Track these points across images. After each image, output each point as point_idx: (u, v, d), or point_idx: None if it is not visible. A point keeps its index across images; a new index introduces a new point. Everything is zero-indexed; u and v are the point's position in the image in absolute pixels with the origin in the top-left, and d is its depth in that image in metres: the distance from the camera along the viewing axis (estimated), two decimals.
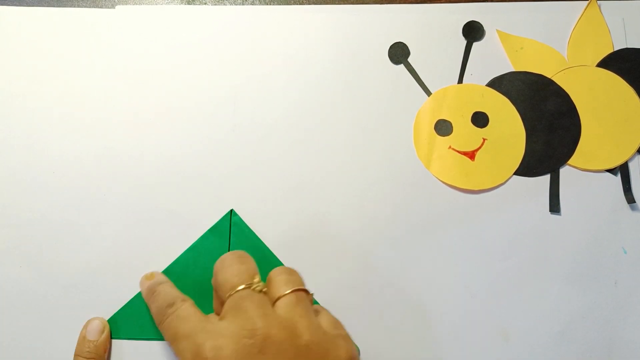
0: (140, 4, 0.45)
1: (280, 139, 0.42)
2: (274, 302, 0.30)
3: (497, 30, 0.44)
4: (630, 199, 0.40)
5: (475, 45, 0.44)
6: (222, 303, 0.31)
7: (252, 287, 0.30)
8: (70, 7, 0.44)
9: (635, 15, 0.44)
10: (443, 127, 0.42)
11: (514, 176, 0.41)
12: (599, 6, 0.44)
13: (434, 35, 0.44)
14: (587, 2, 0.44)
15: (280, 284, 0.31)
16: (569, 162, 0.42)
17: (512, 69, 0.43)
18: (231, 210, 0.39)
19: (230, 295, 0.30)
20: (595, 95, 0.43)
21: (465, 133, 0.42)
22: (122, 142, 0.41)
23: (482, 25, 0.44)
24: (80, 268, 0.38)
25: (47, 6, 0.44)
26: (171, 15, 0.44)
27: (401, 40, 0.44)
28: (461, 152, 0.42)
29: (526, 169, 0.41)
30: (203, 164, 0.41)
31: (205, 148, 0.41)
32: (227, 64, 0.43)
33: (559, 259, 0.40)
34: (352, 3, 0.45)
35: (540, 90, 0.43)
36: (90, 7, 0.45)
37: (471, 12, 0.44)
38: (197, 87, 0.42)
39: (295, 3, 0.45)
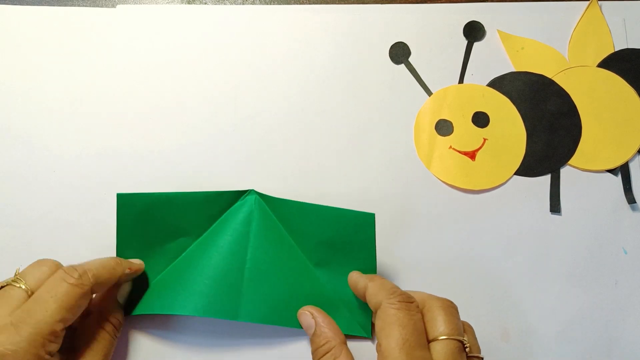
0: (140, 3, 0.45)
1: (280, 139, 0.42)
2: (431, 340, 0.30)
3: (497, 30, 0.44)
4: (631, 199, 0.41)
5: (476, 45, 0.44)
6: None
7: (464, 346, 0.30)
8: (70, 6, 0.44)
9: (636, 15, 0.44)
10: (444, 127, 0.42)
11: (515, 176, 0.41)
12: (600, 6, 0.44)
13: (434, 35, 0.44)
14: (588, 2, 0.44)
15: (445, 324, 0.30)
16: (570, 162, 0.42)
17: (513, 69, 0.43)
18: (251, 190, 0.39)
19: (444, 340, 0.30)
20: (596, 95, 0.43)
21: (465, 133, 0.42)
22: (122, 141, 0.41)
23: (482, 26, 0.44)
24: None
25: (48, 5, 0.44)
26: (171, 15, 0.44)
27: (402, 40, 0.44)
28: (462, 152, 0.42)
29: (527, 169, 0.41)
30: (203, 163, 0.41)
31: (205, 147, 0.41)
32: (227, 63, 0.43)
33: (560, 259, 0.40)
34: (353, 3, 0.45)
35: (540, 90, 0.43)
36: (90, 6, 0.45)
37: (472, 12, 0.44)
38: (198, 87, 0.42)
39: (295, 3, 0.45)
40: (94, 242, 0.39)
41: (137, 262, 0.36)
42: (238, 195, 0.38)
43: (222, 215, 0.38)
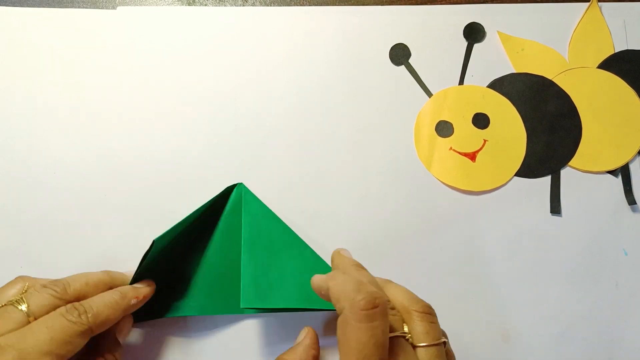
0: (141, 5, 0.45)
1: (281, 140, 0.42)
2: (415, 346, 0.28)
3: (498, 31, 0.44)
4: (631, 201, 0.40)
5: (476, 46, 0.44)
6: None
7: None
8: (71, 7, 0.44)
9: (636, 16, 0.44)
10: (444, 128, 0.42)
11: (515, 177, 0.41)
12: (600, 8, 0.44)
13: (435, 36, 0.44)
14: (588, 3, 0.44)
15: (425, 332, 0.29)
16: (570, 163, 0.42)
17: (513, 70, 0.43)
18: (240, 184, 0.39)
19: (423, 347, 0.28)
20: (596, 96, 0.43)
21: (466, 134, 0.42)
22: (123, 142, 0.41)
23: (482, 27, 0.44)
24: (80, 268, 0.38)
25: (49, 7, 0.44)
26: (172, 16, 0.44)
27: (402, 42, 0.44)
28: (462, 153, 0.42)
29: (527, 170, 0.41)
30: (204, 164, 0.41)
31: (206, 148, 0.41)
32: (228, 65, 0.43)
33: (560, 260, 0.40)
34: (353, 4, 0.45)
35: (541, 91, 0.43)
36: (91, 7, 0.45)
37: (472, 14, 0.44)
38: (198, 88, 0.42)
39: (295, 4, 0.45)
40: (94, 243, 0.39)
41: (144, 288, 0.35)
42: (228, 191, 0.38)
43: (212, 211, 0.38)
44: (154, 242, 0.33)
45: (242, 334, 0.37)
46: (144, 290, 0.34)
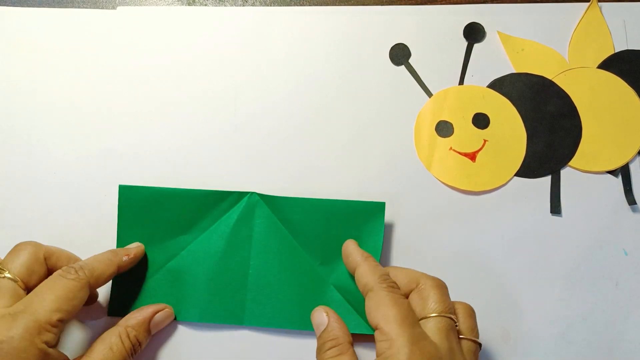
0: (141, 5, 0.45)
1: (280, 140, 0.42)
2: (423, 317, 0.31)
3: (498, 31, 0.44)
4: (631, 201, 0.40)
5: (476, 46, 0.44)
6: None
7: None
8: (71, 7, 0.44)
9: (636, 16, 0.44)
10: (444, 128, 0.42)
11: (515, 177, 0.41)
12: (600, 8, 0.44)
13: (434, 36, 0.44)
14: (588, 3, 0.44)
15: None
16: (570, 163, 0.42)
17: (513, 71, 0.43)
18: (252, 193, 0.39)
19: (435, 317, 0.31)
20: (596, 96, 0.43)
21: (466, 134, 0.42)
22: (123, 142, 0.41)
23: (482, 27, 0.44)
24: None
25: (49, 7, 0.44)
26: (172, 17, 0.44)
27: (402, 42, 0.44)
28: (462, 154, 0.42)
29: (527, 170, 0.41)
30: (204, 163, 0.41)
31: (206, 148, 0.41)
32: (227, 65, 0.43)
33: (560, 260, 0.40)
34: (353, 4, 0.45)
35: (541, 91, 0.43)
36: (91, 8, 0.45)
37: (472, 14, 0.44)
38: (198, 88, 0.43)
39: (295, 4, 0.45)
40: (94, 243, 0.39)
41: (134, 247, 0.37)
42: (240, 196, 0.38)
43: (222, 216, 0.38)
44: (120, 187, 0.37)
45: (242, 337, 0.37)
46: (133, 249, 0.36)
